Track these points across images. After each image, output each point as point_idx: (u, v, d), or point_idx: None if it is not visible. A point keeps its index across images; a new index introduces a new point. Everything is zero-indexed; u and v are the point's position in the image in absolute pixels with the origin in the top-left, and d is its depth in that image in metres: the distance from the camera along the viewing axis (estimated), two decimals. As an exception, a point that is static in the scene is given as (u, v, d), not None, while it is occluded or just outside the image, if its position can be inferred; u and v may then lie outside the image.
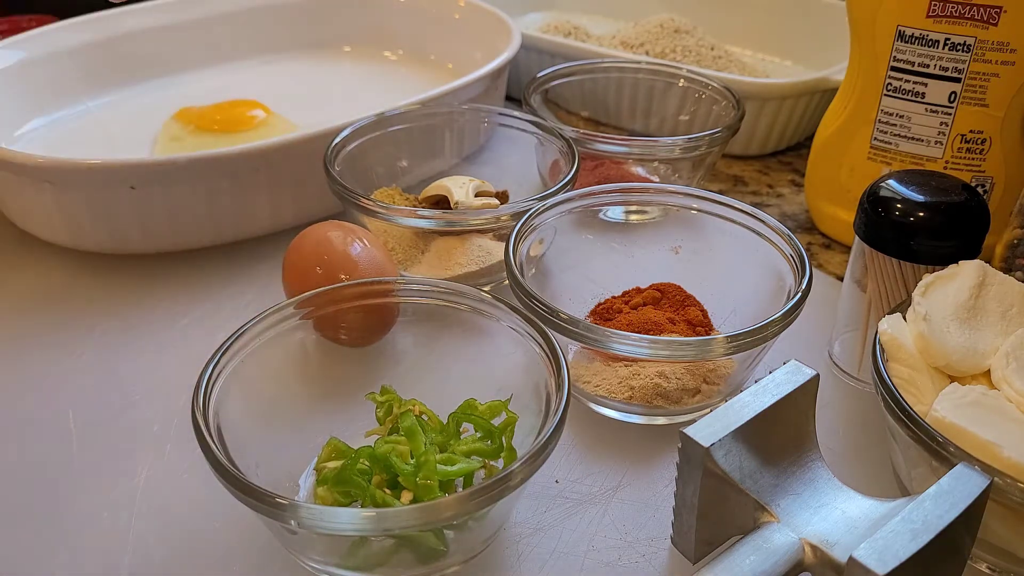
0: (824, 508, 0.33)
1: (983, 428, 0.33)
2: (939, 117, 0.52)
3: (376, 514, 0.30)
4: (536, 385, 0.38)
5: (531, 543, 0.37)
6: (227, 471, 0.31)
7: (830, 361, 0.47)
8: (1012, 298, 0.39)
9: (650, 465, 0.41)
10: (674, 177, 0.60)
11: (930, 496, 0.29)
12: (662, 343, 0.39)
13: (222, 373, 0.36)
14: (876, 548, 0.28)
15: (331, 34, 0.82)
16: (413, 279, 0.42)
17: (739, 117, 0.58)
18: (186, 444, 0.41)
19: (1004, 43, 0.48)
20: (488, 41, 0.73)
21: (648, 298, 0.47)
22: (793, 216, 0.63)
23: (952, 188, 0.42)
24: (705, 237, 0.49)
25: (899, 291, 0.42)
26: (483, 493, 0.31)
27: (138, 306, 0.51)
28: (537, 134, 0.57)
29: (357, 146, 0.55)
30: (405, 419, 0.36)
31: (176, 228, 0.54)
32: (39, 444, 0.42)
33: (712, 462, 0.32)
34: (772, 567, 0.30)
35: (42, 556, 0.36)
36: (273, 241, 0.57)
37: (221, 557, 0.36)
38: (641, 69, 0.67)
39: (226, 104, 0.70)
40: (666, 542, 0.37)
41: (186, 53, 0.76)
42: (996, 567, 0.35)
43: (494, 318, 0.40)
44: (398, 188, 0.57)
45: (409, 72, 0.79)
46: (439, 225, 0.49)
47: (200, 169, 0.52)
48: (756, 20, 0.85)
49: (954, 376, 0.37)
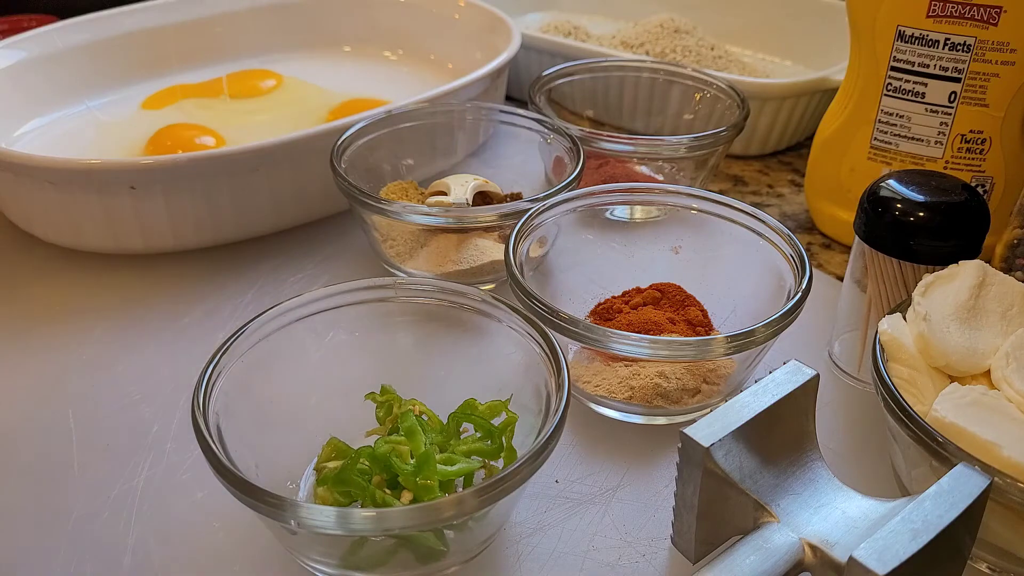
0: (824, 508, 0.33)
1: (983, 428, 0.33)
2: (939, 117, 0.52)
3: (376, 514, 0.30)
4: (536, 385, 0.38)
5: (531, 543, 0.37)
6: (227, 471, 0.31)
7: (830, 361, 0.47)
8: (1012, 298, 0.39)
9: (650, 465, 0.41)
10: (678, 176, 0.60)
11: (930, 496, 0.29)
12: (662, 343, 0.39)
13: (222, 373, 0.36)
14: (876, 548, 0.28)
15: (331, 34, 0.82)
16: (413, 279, 0.42)
17: (744, 116, 0.58)
18: (186, 444, 0.42)
19: (1004, 43, 0.48)
20: (488, 41, 0.73)
21: (648, 298, 0.47)
22: (793, 216, 0.63)
23: (952, 188, 0.42)
24: (705, 237, 0.49)
25: (899, 291, 0.42)
26: (483, 493, 0.31)
27: (138, 306, 0.51)
28: (543, 133, 0.57)
29: (364, 143, 0.55)
30: (405, 419, 0.36)
31: (176, 228, 0.54)
32: (39, 444, 0.42)
33: (712, 462, 0.32)
34: (772, 567, 0.30)
35: (42, 556, 0.36)
36: (273, 241, 0.57)
37: (221, 557, 0.36)
38: (645, 68, 0.67)
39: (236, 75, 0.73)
40: (666, 542, 0.37)
41: (186, 53, 0.76)
42: (996, 567, 0.35)
43: (494, 318, 0.40)
44: (413, 182, 0.57)
45: (409, 72, 0.79)
46: (444, 223, 0.49)
47: (200, 169, 0.52)
48: (756, 20, 0.85)
49: (954, 376, 0.37)
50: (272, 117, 0.69)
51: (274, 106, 0.71)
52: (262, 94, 0.72)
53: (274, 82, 0.74)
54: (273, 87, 0.73)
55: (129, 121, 0.68)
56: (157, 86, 0.73)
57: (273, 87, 0.73)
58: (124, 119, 0.68)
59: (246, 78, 0.74)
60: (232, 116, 0.69)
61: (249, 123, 0.68)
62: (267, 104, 0.71)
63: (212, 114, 0.69)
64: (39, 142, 0.64)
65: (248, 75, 0.75)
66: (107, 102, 0.70)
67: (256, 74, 0.75)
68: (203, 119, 0.67)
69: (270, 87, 0.73)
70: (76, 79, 0.70)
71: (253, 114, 0.70)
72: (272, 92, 0.73)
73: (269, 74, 0.75)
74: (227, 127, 0.66)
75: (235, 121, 0.68)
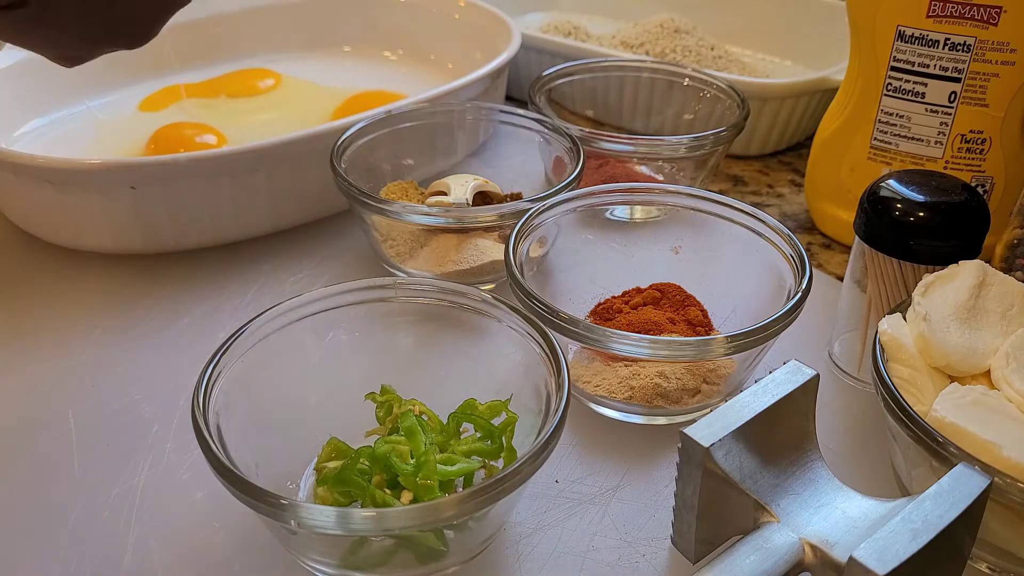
0: (824, 508, 0.33)
1: (983, 428, 0.33)
2: (939, 117, 0.52)
3: (376, 514, 0.30)
4: (536, 385, 0.38)
5: (531, 543, 0.37)
6: (227, 471, 0.31)
7: (830, 361, 0.47)
8: (1012, 298, 0.39)
9: (650, 465, 0.41)
10: (678, 176, 0.60)
11: (930, 496, 0.29)
12: (662, 343, 0.39)
13: (222, 373, 0.36)
14: (876, 548, 0.28)
15: (331, 34, 0.82)
16: (413, 279, 0.42)
17: (744, 116, 0.58)
18: (186, 444, 0.42)
19: (1004, 43, 0.48)
20: (488, 41, 0.73)
21: (648, 298, 0.47)
22: (793, 216, 0.63)
23: (952, 188, 0.42)
24: (705, 237, 0.49)
25: (899, 291, 0.42)
26: (483, 493, 0.31)
27: (138, 306, 0.51)
28: (543, 133, 0.57)
29: (363, 143, 0.55)
30: (405, 419, 0.36)
31: (176, 228, 0.54)
32: (39, 444, 0.42)
33: (712, 462, 0.32)
34: (772, 567, 0.30)
35: (42, 556, 0.36)
36: (273, 241, 0.57)
37: (221, 557, 0.36)
38: (645, 68, 0.67)
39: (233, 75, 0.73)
40: (666, 542, 0.37)
41: (186, 53, 0.76)
42: (996, 567, 0.35)
43: (494, 318, 0.40)
44: (413, 182, 0.57)
45: (409, 72, 0.79)
46: (444, 223, 0.49)
47: (200, 169, 0.52)
48: (756, 20, 0.85)
49: (954, 376, 0.37)
50: (275, 116, 0.69)
51: (276, 105, 0.71)
52: (260, 93, 0.73)
53: (272, 81, 0.74)
54: (272, 86, 0.74)
55: (129, 121, 0.68)
56: (157, 86, 0.73)
57: (272, 86, 0.74)
58: (124, 119, 0.68)
59: (244, 77, 0.75)
60: (234, 115, 0.69)
61: (252, 122, 0.68)
62: (269, 103, 0.72)
63: (214, 114, 0.69)
64: (39, 142, 0.64)
65: (246, 74, 0.75)
66: (107, 102, 0.70)
67: (254, 73, 0.75)
68: (205, 119, 0.68)
69: (268, 86, 0.73)
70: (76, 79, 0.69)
71: (255, 113, 0.70)
72: (271, 91, 0.73)
73: (267, 73, 0.75)
74: (229, 126, 0.67)
75: (237, 120, 0.68)
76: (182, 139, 0.63)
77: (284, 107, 0.71)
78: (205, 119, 0.67)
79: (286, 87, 0.74)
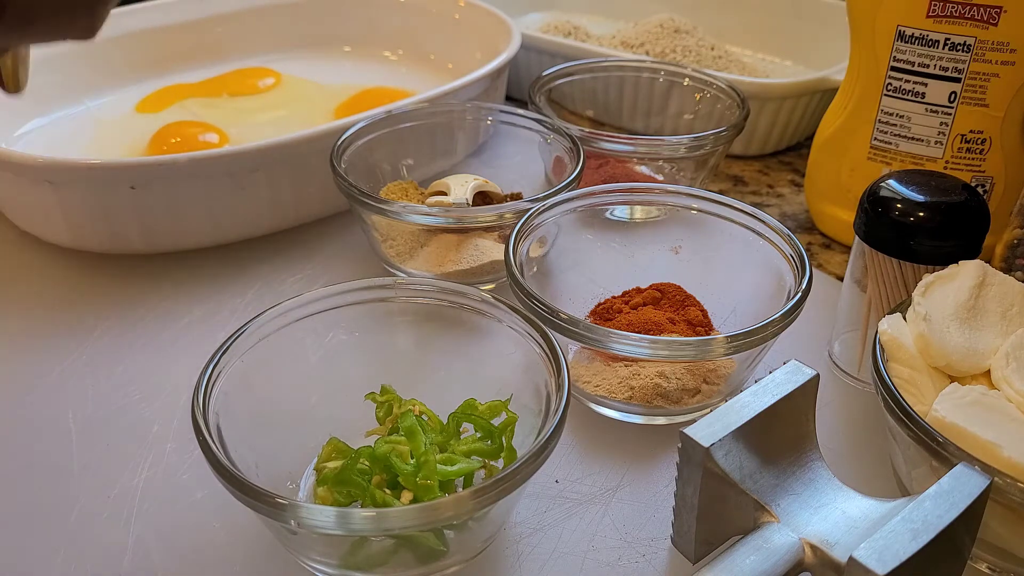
0: (824, 508, 0.33)
1: (983, 428, 0.33)
2: (939, 117, 0.52)
3: (376, 514, 0.30)
4: (536, 385, 0.38)
5: (531, 543, 0.37)
6: (227, 471, 0.31)
7: (830, 361, 0.47)
8: (1012, 298, 0.39)
9: (650, 465, 0.41)
10: (678, 176, 0.60)
11: (930, 496, 0.30)
12: (662, 343, 0.39)
13: (222, 373, 0.36)
14: (876, 548, 0.28)
15: (331, 34, 0.82)
16: (413, 279, 0.42)
17: (744, 116, 0.58)
18: (186, 444, 0.42)
19: (1004, 43, 0.48)
20: (488, 41, 0.73)
21: (648, 298, 0.47)
22: (793, 216, 0.63)
23: (952, 188, 0.42)
24: (705, 237, 0.49)
25: (899, 291, 0.42)
26: (483, 493, 0.31)
27: (138, 306, 0.51)
28: (543, 133, 0.57)
29: (363, 144, 0.55)
30: (405, 419, 0.36)
31: (176, 228, 0.54)
32: (39, 444, 0.42)
33: (712, 462, 0.32)
34: (772, 567, 0.30)
35: (42, 556, 0.36)
36: (273, 241, 0.57)
37: (221, 557, 0.36)
38: (645, 68, 0.67)
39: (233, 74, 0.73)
40: (666, 542, 0.37)
41: (186, 53, 0.76)
42: (996, 567, 0.35)
43: (494, 318, 0.40)
44: (413, 182, 0.57)
45: (409, 72, 0.79)
46: (444, 223, 0.49)
47: (200, 169, 0.52)
48: (756, 20, 0.85)
49: (954, 376, 0.37)
50: (278, 114, 0.69)
51: (278, 104, 0.71)
52: (261, 92, 0.73)
53: (273, 80, 0.74)
54: (272, 85, 0.74)
55: (129, 121, 0.68)
56: (157, 86, 0.73)
57: (272, 85, 0.74)
58: (124, 119, 0.68)
59: (244, 76, 0.75)
60: (237, 114, 0.69)
61: (255, 120, 0.68)
62: (271, 102, 0.72)
63: (216, 113, 0.69)
64: (39, 142, 0.64)
65: (247, 73, 0.75)
66: (107, 102, 0.70)
67: (255, 72, 0.75)
68: (206, 118, 0.68)
69: (269, 85, 0.73)
70: (76, 79, 0.70)
71: (258, 112, 0.70)
72: (272, 90, 0.73)
73: (268, 72, 0.75)
74: (231, 125, 0.66)
75: (240, 119, 0.68)
76: (185, 137, 0.63)
77: (286, 105, 0.71)
78: (207, 118, 0.67)
79: (287, 86, 0.74)
